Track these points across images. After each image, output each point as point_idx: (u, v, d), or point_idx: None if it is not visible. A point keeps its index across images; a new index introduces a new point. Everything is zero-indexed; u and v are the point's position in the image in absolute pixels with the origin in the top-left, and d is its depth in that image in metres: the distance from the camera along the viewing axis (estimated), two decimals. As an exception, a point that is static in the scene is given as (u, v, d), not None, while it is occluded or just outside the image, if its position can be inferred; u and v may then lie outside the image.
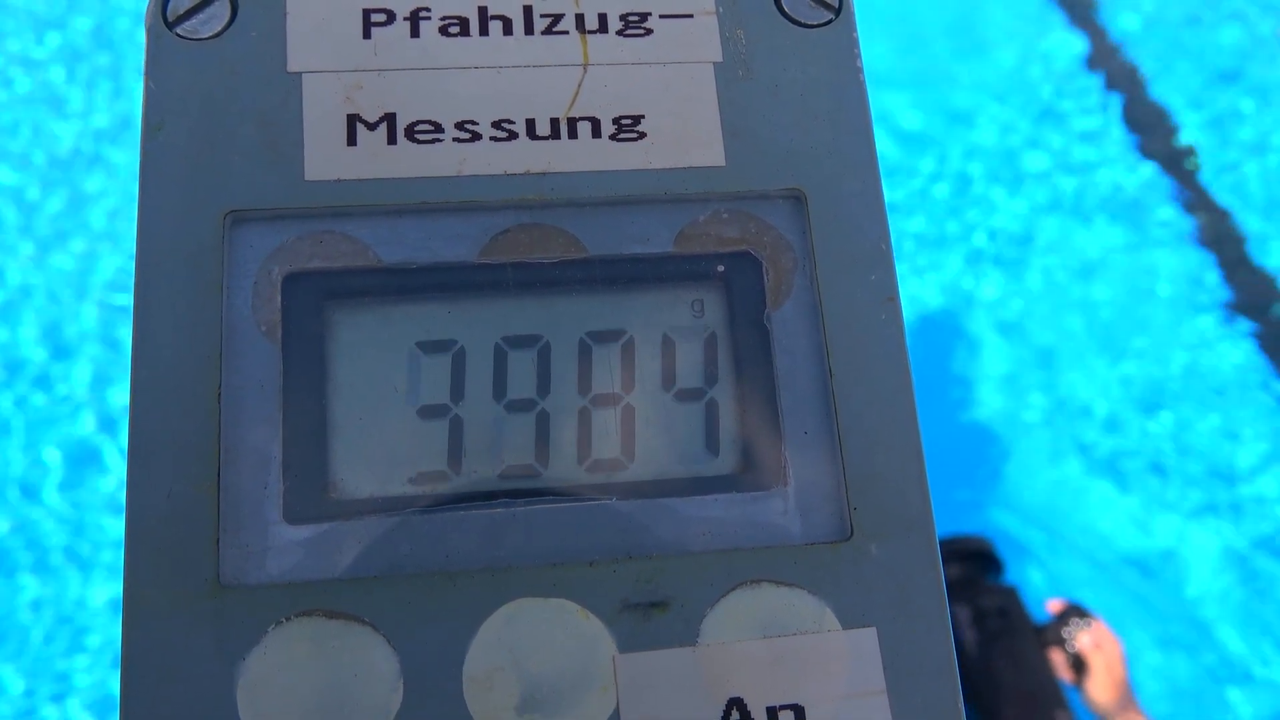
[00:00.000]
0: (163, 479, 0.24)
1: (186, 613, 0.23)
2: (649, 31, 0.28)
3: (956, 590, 1.12)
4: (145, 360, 0.24)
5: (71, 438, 1.30)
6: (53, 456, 1.29)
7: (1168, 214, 1.52)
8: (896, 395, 0.26)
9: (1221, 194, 1.53)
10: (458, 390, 0.26)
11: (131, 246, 0.25)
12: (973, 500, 1.34)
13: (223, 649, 0.23)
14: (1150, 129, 1.59)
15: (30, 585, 1.23)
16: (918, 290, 1.49)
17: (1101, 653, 1.09)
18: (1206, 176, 1.55)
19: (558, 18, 0.28)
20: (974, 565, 1.16)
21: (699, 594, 0.24)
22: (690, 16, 0.28)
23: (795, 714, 0.24)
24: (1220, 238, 1.50)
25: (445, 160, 0.26)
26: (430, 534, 0.25)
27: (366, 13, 0.27)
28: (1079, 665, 1.09)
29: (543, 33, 0.28)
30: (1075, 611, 1.13)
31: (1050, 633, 1.11)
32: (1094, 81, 1.64)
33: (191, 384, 0.24)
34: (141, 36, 0.27)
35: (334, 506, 0.25)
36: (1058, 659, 1.09)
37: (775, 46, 0.28)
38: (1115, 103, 1.62)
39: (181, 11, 0.27)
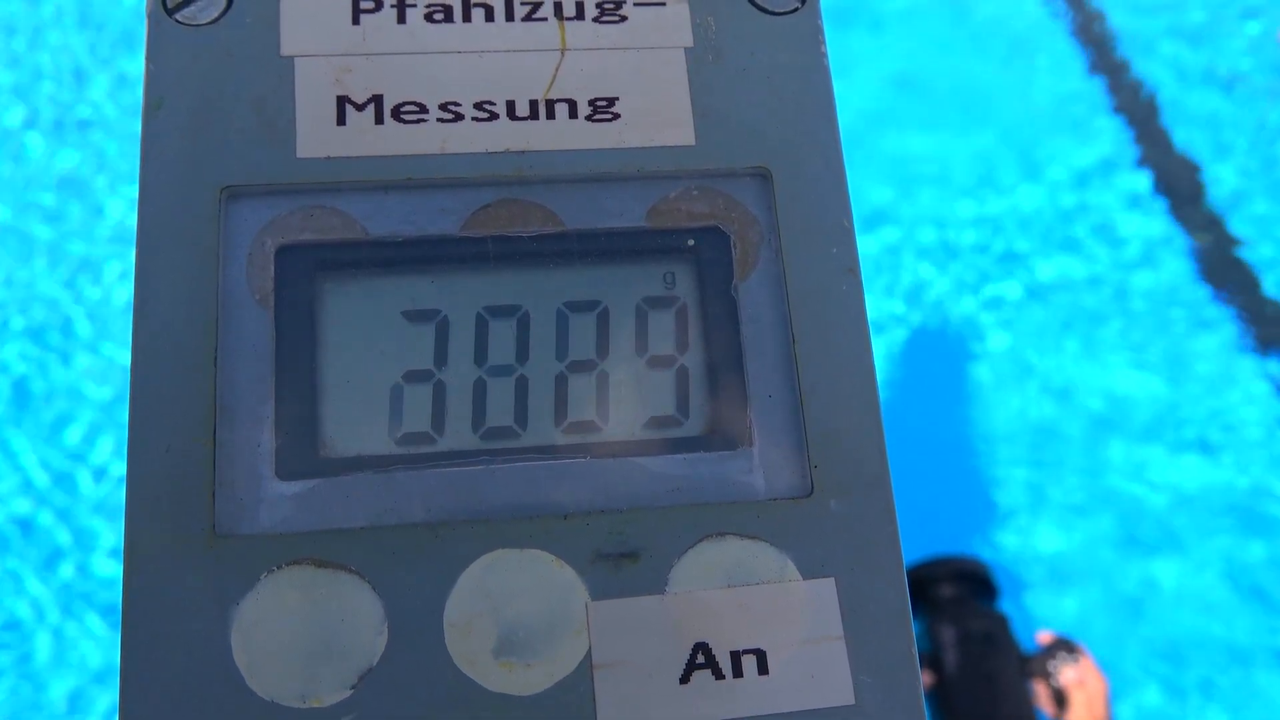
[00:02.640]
0: (162, 435, 0.25)
1: (184, 560, 0.24)
2: (624, 18, 0.30)
3: (946, 610, 1.13)
4: (145, 325, 0.26)
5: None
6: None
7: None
8: (856, 361, 0.27)
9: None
10: (441, 356, 0.27)
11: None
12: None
13: (218, 594, 0.24)
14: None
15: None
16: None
17: (1084, 690, 1.08)
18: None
19: (537, 5, 0.29)
20: (966, 586, 1.16)
21: (667, 546, 0.26)
22: (663, 4, 0.30)
23: (757, 658, 0.25)
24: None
25: (430, 139, 0.28)
26: (414, 489, 0.26)
27: (355, 0, 0.29)
28: (1061, 700, 1.09)
29: (523, 19, 0.29)
30: (1063, 645, 1.13)
31: (1036, 664, 1.11)
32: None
33: (189, 348, 0.26)
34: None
35: (323, 464, 0.26)
36: (1041, 691, 1.09)
37: (744, 33, 0.30)
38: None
39: (180, -1, 0.28)
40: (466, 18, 0.29)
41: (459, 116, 0.28)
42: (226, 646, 0.24)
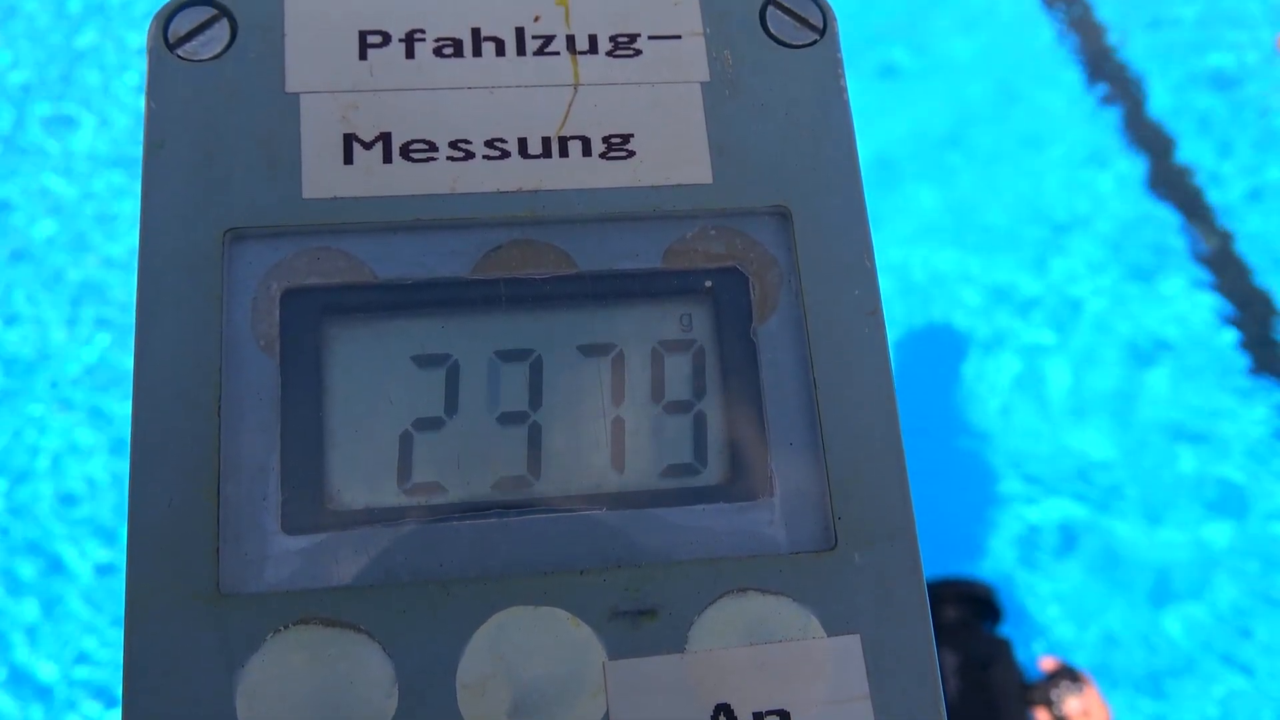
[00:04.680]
0: (164, 489, 0.24)
1: (188, 619, 0.24)
2: (638, 52, 0.29)
3: (949, 635, 1.11)
4: (147, 373, 0.25)
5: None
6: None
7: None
8: (879, 407, 0.27)
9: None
10: (452, 403, 0.27)
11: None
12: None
13: (223, 655, 0.23)
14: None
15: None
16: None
17: None
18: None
19: (549, 39, 0.28)
20: (970, 610, 1.15)
21: (687, 602, 0.25)
22: (678, 38, 0.29)
23: (780, 719, 0.24)
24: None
25: (439, 178, 0.27)
26: (424, 544, 0.25)
27: (363, 35, 0.28)
28: None
29: (534, 54, 0.28)
30: (1067, 673, 1.12)
31: (1038, 691, 1.10)
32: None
33: (192, 396, 0.25)
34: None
35: (330, 517, 0.25)
36: None
37: (761, 66, 0.29)
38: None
39: (182, 34, 0.27)
40: (477, 52, 0.28)
41: (469, 155, 0.27)
42: (231, 710, 0.23)
